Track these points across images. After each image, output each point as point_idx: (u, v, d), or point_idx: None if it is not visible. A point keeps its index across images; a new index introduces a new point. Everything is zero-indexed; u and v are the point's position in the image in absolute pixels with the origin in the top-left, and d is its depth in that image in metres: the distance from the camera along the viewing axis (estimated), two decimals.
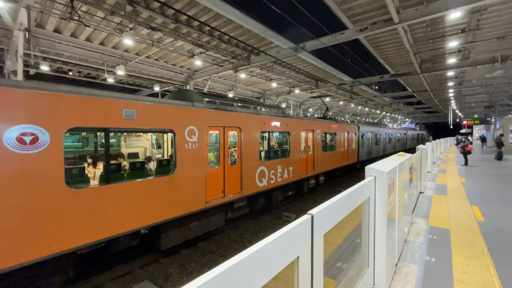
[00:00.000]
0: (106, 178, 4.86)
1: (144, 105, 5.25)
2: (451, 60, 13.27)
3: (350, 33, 9.69)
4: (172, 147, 6.13)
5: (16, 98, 3.72)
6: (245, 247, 6.90)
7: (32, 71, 12.31)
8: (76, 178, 4.72)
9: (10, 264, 3.65)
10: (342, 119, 34.18)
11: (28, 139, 3.79)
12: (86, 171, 5.38)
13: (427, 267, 3.63)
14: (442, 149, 23.40)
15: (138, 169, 5.73)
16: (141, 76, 15.69)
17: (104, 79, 14.81)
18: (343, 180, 16.20)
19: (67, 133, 4.29)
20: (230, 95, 19.37)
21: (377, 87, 27.57)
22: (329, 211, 1.66)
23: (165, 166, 6.08)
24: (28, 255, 3.80)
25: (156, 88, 17.60)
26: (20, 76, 8.35)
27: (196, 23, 9.67)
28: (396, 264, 3.64)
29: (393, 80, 20.42)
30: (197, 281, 0.76)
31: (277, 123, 9.47)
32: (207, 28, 10.08)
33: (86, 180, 4.91)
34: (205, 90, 17.29)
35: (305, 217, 1.40)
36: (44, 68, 12.02)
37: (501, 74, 11.81)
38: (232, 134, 7.92)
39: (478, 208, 6.32)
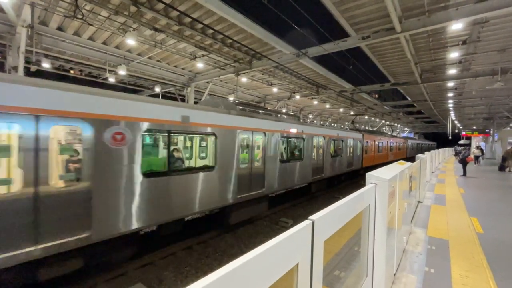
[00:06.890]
0: None
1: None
2: (452, 71, 13.35)
3: (352, 40, 9.75)
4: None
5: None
6: (241, 252, 6.81)
7: (33, 68, 12.30)
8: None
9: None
10: (342, 126, 36.81)
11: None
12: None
13: (426, 278, 3.57)
14: (441, 159, 23.47)
15: None
16: (143, 77, 15.71)
17: (106, 79, 14.82)
18: (342, 186, 16.17)
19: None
20: (231, 98, 19.43)
21: (377, 95, 27.71)
22: (330, 218, 1.62)
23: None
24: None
25: (157, 89, 17.61)
26: (21, 73, 8.33)
27: (200, 25, 9.72)
28: (395, 274, 3.57)
29: (393, 89, 20.54)
30: (192, 287, 0.72)
31: (381, 137, 19.22)
32: (210, 31, 10.12)
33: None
34: (206, 93, 17.33)
35: (305, 223, 1.35)
36: (46, 65, 12.02)
37: (501, 86, 11.88)
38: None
39: (477, 220, 6.27)
